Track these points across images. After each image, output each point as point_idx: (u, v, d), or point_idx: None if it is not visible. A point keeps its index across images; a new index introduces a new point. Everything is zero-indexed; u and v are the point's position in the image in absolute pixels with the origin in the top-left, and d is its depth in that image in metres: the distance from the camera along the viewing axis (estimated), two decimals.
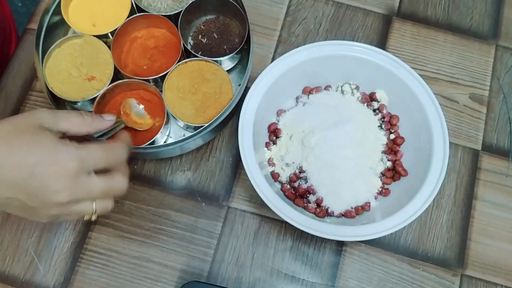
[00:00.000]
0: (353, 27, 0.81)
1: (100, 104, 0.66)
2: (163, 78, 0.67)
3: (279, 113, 0.71)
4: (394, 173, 0.68)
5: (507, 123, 0.76)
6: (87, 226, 0.69)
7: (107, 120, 0.55)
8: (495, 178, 0.73)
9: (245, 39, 0.68)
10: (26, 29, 0.80)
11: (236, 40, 0.72)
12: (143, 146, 0.64)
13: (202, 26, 0.73)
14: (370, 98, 0.71)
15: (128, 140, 0.56)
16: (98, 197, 0.50)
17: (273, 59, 0.78)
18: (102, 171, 0.50)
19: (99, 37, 0.69)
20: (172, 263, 0.68)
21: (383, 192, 0.67)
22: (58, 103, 0.67)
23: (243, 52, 0.71)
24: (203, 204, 0.71)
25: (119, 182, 0.51)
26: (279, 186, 0.68)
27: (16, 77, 0.76)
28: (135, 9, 0.71)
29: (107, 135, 0.57)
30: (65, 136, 0.50)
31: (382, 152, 0.69)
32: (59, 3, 0.69)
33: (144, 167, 0.72)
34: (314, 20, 0.81)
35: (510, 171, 0.74)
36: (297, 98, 0.72)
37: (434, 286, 0.68)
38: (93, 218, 0.52)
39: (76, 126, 0.51)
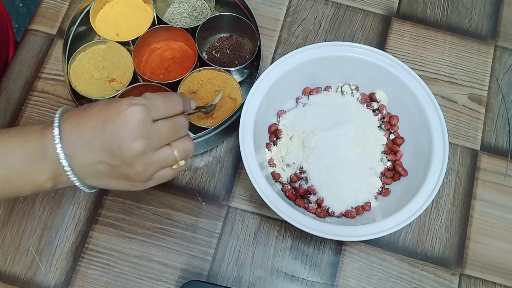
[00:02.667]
0: (353, 27, 0.81)
1: None
2: (177, 83, 0.71)
3: (280, 114, 0.71)
4: (394, 173, 0.68)
5: (506, 123, 0.77)
6: (88, 226, 0.69)
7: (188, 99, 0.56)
8: (494, 178, 0.74)
9: (254, 55, 0.72)
10: (27, 30, 0.80)
11: (247, 56, 0.76)
12: None
13: (216, 43, 0.77)
14: (369, 99, 0.72)
15: (185, 97, 0.55)
16: (171, 138, 0.51)
17: (273, 60, 0.79)
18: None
19: (121, 44, 0.73)
20: (172, 262, 0.68)
21: (383, 192, 0.67)
22: (79, 101, 0.71)
23: (253, 68, 0.76)
24: (204, 203, 0.71)
25: (182, 121, 0.52)
26: (279, 186, 0.68)
27: (17, 77, 0.76)
28: (156, 23, 0.76)
29: None
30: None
31: (382, 152, 0.69)
32: (87, 13, 0.74)
33: None
34: (314, 21, 0.81)
35: (509, 171, 0.74)
36: (297, 99, 0.72)
37: (433, 286, 0.68)
38: (182, 163, 0.52)
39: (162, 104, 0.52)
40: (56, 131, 0.48)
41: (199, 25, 0.73)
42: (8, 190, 0.50)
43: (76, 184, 0.50)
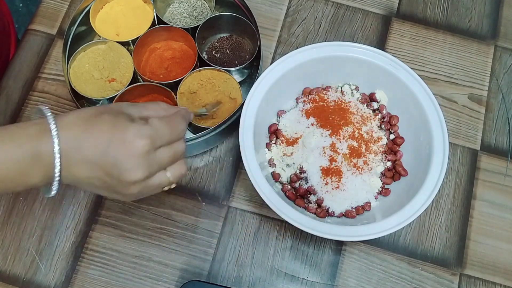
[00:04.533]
0: (353, 27, 0.81)
1: None
2: (177, 83, 0.71)
3: (280, 114, 0.71)
4: (394, 173, 0.68)
5: (506, 123, 0.77)
6: (88, 226, 0.69)
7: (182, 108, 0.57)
8: (494, 178, 0.74)
9: (254, 55, 0.72)
10: (27, 30, 0.80)
11: (247, 56, 0.76)
12: None
13: (216, 43, 0.77)
14: (369, 99, 0.72)
15: (186, 112, 0.56)
16: (168, 164, 0.52)
17: (273, 60, 0.79)
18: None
19: (121, 44, 0.73)
20: (172, 262, 0.68)
21: (383, 192, 0.67)
22: (79, 101, 0.71)
23: (253, 68, 0.76)
24: (204, 203, 0.71)
25: (182, 147, 0.53)
26: (279, 186, 0.68)
27: (17, 77, 0.76)
28: (156, 23, 0.76)
29: None
30: None
31: (382, 152, 0.69)
32: (87, 13, 0.74)
33: None
34: (314, 21, 0.81)
35: (509, 171, 0.74)
36: (297, 99, 0.72)
37: (433, 285, 0.68)
38: (173, 186, 0.54)
39: (156, 113, 0.52)
40: (55, 140, 0.47)
41: (199, 25, 0.73)
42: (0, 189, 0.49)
43: (53, 189, 0.49)
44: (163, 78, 0.74)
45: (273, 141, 0.70)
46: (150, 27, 0.73)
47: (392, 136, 0.70)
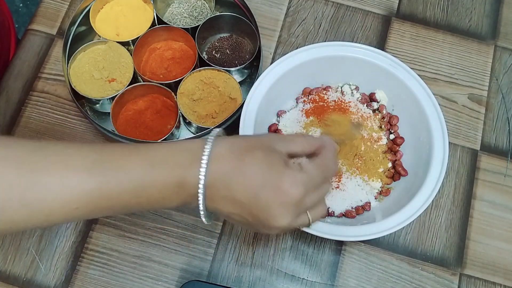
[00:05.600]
0: (353, 27, 0.81)
1: (118, 103, 0.70)
2: (177, 83, 0.71)
3: (280, 114, 0.71)
4: (394, 173, 0.68)
5: (506, 123, 0.77)
6: (88, 226, 0.69)
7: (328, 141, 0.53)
8: (494, 178, 0.74)
9: (254, 55, 0.72)
10: (27, 30, 0.80)
11: (247, 56, 0.76)
12: (157, 141, 0.67)
13: (216, 43, 0.77)
14: (369, 99, 0.72)
15: (333, 145, 0.53)
16: (313, 208, 0.50)
17: (273, 60, 0.79)
18: None
19: (121, 44, 0.73)
20: (172, 262, 0.68)
21: (383, 192, 0.67)
22: (79, 101, 0.71)
23: (253, 68, 0.76)
24: None
25: (327, 189, 0.51)
26: None
27: (17, 77, 0.76)
28: (156, 23, 0.76)
29: None
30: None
31: (382, 152, 0.69)
32: (87, 13, 0.74)
33: None
34: (314, 21, 0.81)
35: (509, 170, 0.74)
36: (297, 99, 0.72)
37: (433, 285, 0.68)
38: (311, 226, 0.52)
39: (303, 148, 0.50)
40: (202, 176, 0.45)
41: (199, 25, 0.73)
42: (136, 210, 0.48)
43: (203, 220, 0.48)
44: (163, 78, 0.74)
45: None
46: (150, 27, 0.73)
47: (392, 136, 0.70)
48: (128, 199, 0.45)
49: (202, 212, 0.47)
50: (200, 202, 0.46)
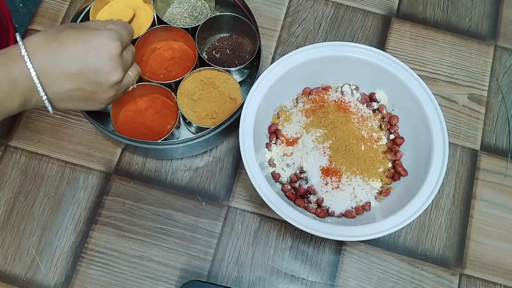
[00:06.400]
0: (353, 27, 0.81)
1: (118, 104, 0.70)
2: (177, 84, 0.71)
3: (280, 114, 0.71)
4: (394, 173, 0.68)
5: (506, 123, 0.77)
6: (88, 226, 0.69)
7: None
8: (493, 178, 0.74)
9: (254, 55, 0.72)
10: (27, 30, 0.80)
11: (247, 56, 0.76)
12: (157, 141, 0.67)
13: (216, 43, 0.77)
14: (369, 99, 0.72)
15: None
16: (130, 64, 0.58)
17: (273, 60, 0.79)
18: None
19: None
20: (172, 262, 0.68)
21: (383, 192, 0.67)
22: None
23: (253, 68, 0.76)
24: (204, 203, 0.71)
25: (133, 48, 0.59)
26: (279, 186, 0.68)
27: None
28: (156, 23, 0.76)
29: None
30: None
31: (382, 152, 0.69)
32: (87, 13, 0.74)
33: (144, 167, 0.72)
34: (314, 21, 0.81)
35: (509, 170, 0.74)
36: (297, 99, 0.72)
37: (433, 285, 0.68)
38: (134, 86, 0.60)
39: (102, 22, 0.56)
40: (29, 63, 0.49)
41: (199, 25, 0.73)
42: None
43: (48, 108, 0.53)
44: (163, 78, 0.74)
45: (273, 141, 0.70)
46: (150, 27, 0.73)
47: (392, 136, 0.70)
48: None
49: (44, 99, 0.51)
50: (40, 89, 0.50)
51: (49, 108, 0.53)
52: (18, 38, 0.51)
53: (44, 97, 0.51)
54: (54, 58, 0.50)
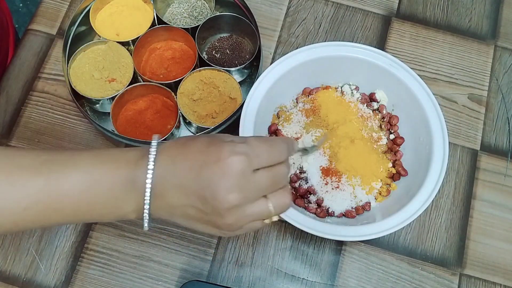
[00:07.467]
0: (353, 27, 0.81)
1: (118, 104, 0.70)
2: (177, 83, 0.71)
3: (280, 114, 0.71)
4: (394, 173, 0.68)
5: (506, 123, 0.77)
6: (88, 226, 0.69)
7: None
8: (494, 178, 0.74)
9: (254, 55, 0.72)
10: (27, 30, 0.80)
11: (247, 56, 0.76)
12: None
13: (216, 43, 0.77)
14: (369, 99, 0.72)
15: (290, 140, 0.51)
16: (269, 190, 0.46)
17: (273, 60, 0.79)
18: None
19: (121, 44, 0.73)
20: (172, 262, 0.68)
21: (383, 192, 0.67)
22: (79, 101, 0.71)
23: (253, 68, 0.76)
24: None
25: (284, 171, 0.47)
26: None
27: (17, 77, 0.76)
28: (156, 23, 0.76)
29: None
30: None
31: (382, 152, 0.69)
32: (87, 13, 0.74)
33: None
34: (314, 21, 0.81)
35: (509, 171, 0.74)
36: (297, 99, 0.72)
37: (433, 285, 0.68)
38: (275, 218, 0.48)
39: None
40: (151, 165, 0.44)
41: (199, 25, 0.73)
42: (91, 215, 0.47)
43: (145, 223, 0.47)
44: (163, 78, 0.74)
45: None
46: (150, 27, 0.73)
47: (392, 136, 0.70)
48: (78, 197, 0.44)
49: (146, 211, 0.45)
50: (147, 195, 0.44)
51: (145, 225, 0.47)
52: (154, 145, 0.45)
53: (147, 207, 0.45)
54: (173, 167, 0.44)
